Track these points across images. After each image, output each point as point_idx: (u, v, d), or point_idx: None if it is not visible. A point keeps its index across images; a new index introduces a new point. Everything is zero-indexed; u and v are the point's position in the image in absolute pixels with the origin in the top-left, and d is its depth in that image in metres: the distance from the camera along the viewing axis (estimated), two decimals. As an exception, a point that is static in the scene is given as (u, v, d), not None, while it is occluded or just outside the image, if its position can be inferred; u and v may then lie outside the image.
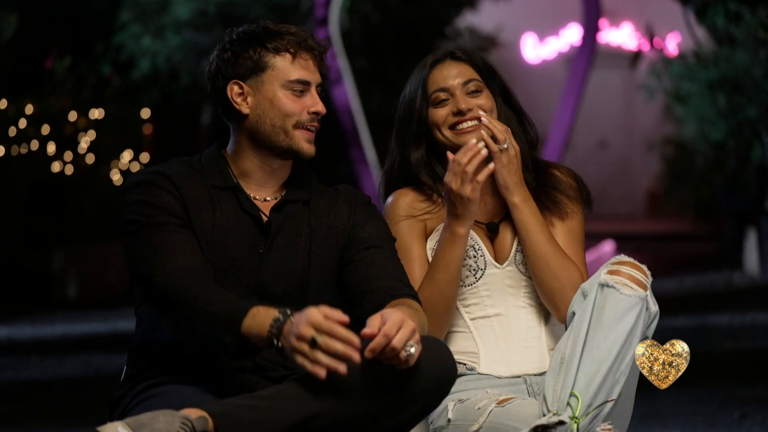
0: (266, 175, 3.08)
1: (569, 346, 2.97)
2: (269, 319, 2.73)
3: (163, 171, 3.02)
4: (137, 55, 12.96)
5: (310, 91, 3.03)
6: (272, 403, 2.70)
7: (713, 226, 16.10)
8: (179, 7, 12.85)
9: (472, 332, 3.21)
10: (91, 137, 11.60)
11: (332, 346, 2.66)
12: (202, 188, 3.03)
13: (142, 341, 3.02)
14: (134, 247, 2.93)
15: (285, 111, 3.01)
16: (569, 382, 2.93)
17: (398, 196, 3.27)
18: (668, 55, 12.96)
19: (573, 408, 2.91)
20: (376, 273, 3.01)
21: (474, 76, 3.22)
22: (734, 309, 9.44)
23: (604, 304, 2.97)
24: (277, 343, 2.71)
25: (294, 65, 3.02)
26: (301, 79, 3.02)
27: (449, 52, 3.26)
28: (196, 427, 2.61)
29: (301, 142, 3.03)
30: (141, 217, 2.94)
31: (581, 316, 2.98)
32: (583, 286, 3.04)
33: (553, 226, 3.22)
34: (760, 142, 11.51)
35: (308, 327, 2.66)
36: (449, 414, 3.09)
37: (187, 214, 2.98)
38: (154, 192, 2.98)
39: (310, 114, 3.03)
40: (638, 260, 3.09)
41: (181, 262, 2.88)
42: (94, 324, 9.50)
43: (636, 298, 2.97)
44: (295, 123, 3.02)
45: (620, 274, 3.00)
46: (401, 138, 3.27)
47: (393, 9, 14.07)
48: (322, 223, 3.08)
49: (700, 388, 6.11)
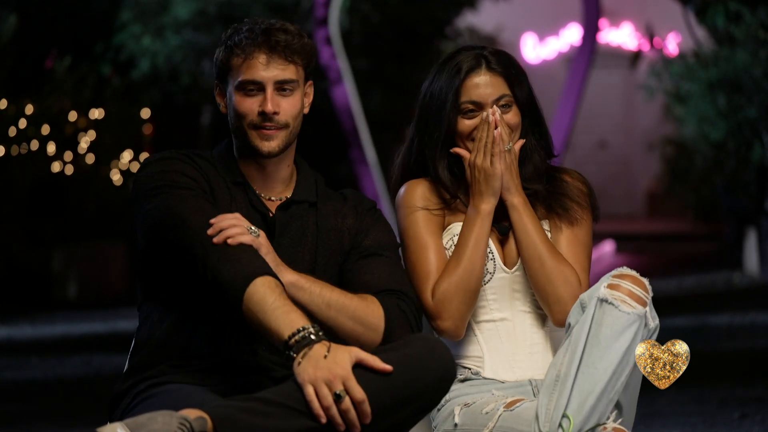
0: (263, 173, 3.07)
1: (565, 364, 2.96)
2: (297, 324, 2.72)
3: (187, 153, 3.04)
4: (137, 55, 12.96)
5: (265, 91, 3.00)
6: (273, 408, 2.67)
7: (713, 226, 16.10)
8: (179, 7, 12.85)
9: (477, 336, 3.20)
10: (91, 137, 11.59)
11: (349, 415, 2.66)
12: (221, 179, 3.04)
13: (144, 339, 3.02)
14: (163, 204, 2.89)
15: (237, 111, 3.01)
16: (562, 402, 2.92)
17: (413, 186, 3.23)
18: (668, 55, 12.96)
19: (564, 429, 2.90)
20: (372, 280, 3.01)
21: (506, 92, 3.18)
22: (734, 309, 9.44)
23: (602, 320, 2.96)
24: (293, 355, 2.69)
25: (244, 66, 2.99)
26: (249, 79, 2.99)
27: (485, 59, 3.19)
28: (195, 428, 2.60)
29: (256, 140, 3.00)
30: (171, 182, 2.93)
31: (579, 332, 2.97)
32: (582, 297, 3.03)
33: (561, 232, 3.21)
34: (760, 142, 11.51)
35: (340, 381, 2.65)
36: (456, 419, 3.08)
37: (213, 197, 2.98)
38: (181, 165, 2.98)
39: (259, 115, 3.00)
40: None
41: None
42: (94, 324, 9.50)
43: (634, 316, 2.96)
44: (248, 124, 3.01)
45: (620, 290, 2.98)
46: (424, 135, 3.23)
47: (393, 9, 14.07)
48: (329, 224, 3.08)
49: (700, 388, 6.11)
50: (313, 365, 2.67)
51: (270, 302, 2.74)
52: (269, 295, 2.75)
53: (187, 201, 2.90)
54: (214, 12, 12.90)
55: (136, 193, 2.99)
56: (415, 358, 2.78)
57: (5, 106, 10.81)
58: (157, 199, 2.92)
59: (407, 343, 2.82)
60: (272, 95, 2.99)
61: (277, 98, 3.00)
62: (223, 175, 3.05)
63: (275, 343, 2.74)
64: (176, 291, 2.96)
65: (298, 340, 2.69)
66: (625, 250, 14.85)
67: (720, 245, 15.22)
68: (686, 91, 12.17)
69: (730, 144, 11.80)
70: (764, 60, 11.16)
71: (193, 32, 12.96)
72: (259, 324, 2.75)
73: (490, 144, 3.11)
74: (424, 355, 2.78)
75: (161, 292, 3.02)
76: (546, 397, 2.95)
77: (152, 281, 3.04)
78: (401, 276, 3.07)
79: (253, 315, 2.75)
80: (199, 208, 2.89)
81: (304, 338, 2.69)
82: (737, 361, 7.26)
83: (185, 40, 12.94)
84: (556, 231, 3.21)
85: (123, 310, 10.04)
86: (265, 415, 2.66)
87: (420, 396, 2.79)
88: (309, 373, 2.66)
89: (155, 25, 12.98)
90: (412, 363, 2.77)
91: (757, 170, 12.03)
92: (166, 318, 3.00)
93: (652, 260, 13.69)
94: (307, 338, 2.70)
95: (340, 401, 2.65)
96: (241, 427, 2.65)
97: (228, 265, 2.78)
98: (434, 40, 15.23)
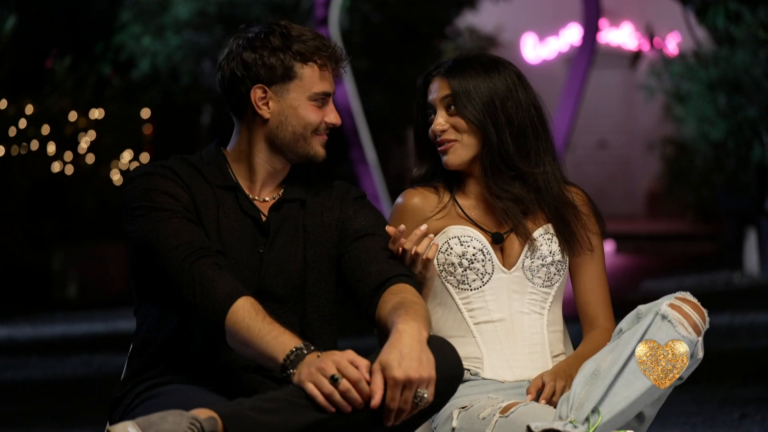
0: (269, 175, 3.08)
1: (608, 361, 2.95)
2: (289, 347, 2.75)
3: (170, 166, 3.03)
4: (137, 55, 12.96)
5: (328, 102, 3.07)
6: (282, 405, 2.70)
7: (713, 226, 16.11)
8: (179, 7, 12.85)
9: (475, 337, 3.20)
10: (91, 137, 11.60)
11: (351, 394, 2.69)
12: (206, 186, 3.04)
13: (143, 341, 3.02)
14: (142, 230, 2.93)
15: (308, 121, 3.04)
16: (596, 396, 2.92)
17: (407, 196, 3.27)
18: (668, 55, 12.96)
19: (591, 424, 2.90)
20: (368, 258, 3.02)
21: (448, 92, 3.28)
22: (734, 309, 9.44)
23: (656, 334, 2.96)
24: (291, 372, 2.72)
25: (320, 77, 3.04)
26: (325, 91, 3.05)
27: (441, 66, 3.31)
28: (205, 428, 2.61)
29: (317, 147, 3.06)
30: (150, 203, 2.95)
31: (630, 337, 2.97)
32: (639, 308, 3.03)
33: (581, 268, 3.26)
34: (760, 142, 11.52)
35: (332, 364, 2.69)
36: (454, 422, 3.09)
37: (196, 210, 2.99)
38: (162, 182, 2.98)
39: (326, 124, 3.06)
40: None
41: (194, 243, 2.89)
42: (94, 324, 9.50)
43: (688, 341, 2.98)
44: (313, 131, 3.05)
45: (680, 311, 3.00)
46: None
47: (393, 9, 14.07)
48: (316, 222, 3.09)
49: (700, 388, 6.11)
50: (306, 367, 2.72)
51: (256, 331, 2.78)
52: (252, 322, 2.79)
53: (164, 224, 2.92)
54: (214, 12, 12.90)
55: (122, 208, 3.02)
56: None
57: (5, 106, 10.81)
58: (137, 221, 2.94)
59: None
60: (333, 106, 3.08)
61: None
62: (211, 180, 3.04)
63: (270, 368, 2.79)
64: (171, 297, 2.97)
65: (292, 359, 2.74)
66: (625, 250, 14.85)
67: (720, 245, 15.22)
68: (686, 91, 12.18)
69: (730, 144, 11.80)
70: (764, 60, 11.17)
71: (193, 32, 12.96)
72: (250, 352, 2.80)
73: (418, 254, 3.08)
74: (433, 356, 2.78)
75: (157, 297, 3.02)
76: (580, 386, 2.94)
77: (147, 287, 3.04)
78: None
79: (240, 345, 2.81)
80: (175, 232, 2.91)
81: (298, 356, 2.74)
82: (737, 361, 7.26)
83: (185, 40, 12.94)
84: (575, 264, 3.26)
85: (123, 310, 10.04)
86: (273, 412, 2.68)
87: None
88: (304, 373, 2.71)
89: (155, 25, 12.98)
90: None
91: (757, 170, 12.04)
92: (165, 320, 3.00)
93: (652, 260, 13.69)
94: (300, 354, 2.74)
95: (338, 384, 2.68)
96: (249, 424, 2.66)
97: (202, 294, 2.83)
98: (434, 40, 15.23)
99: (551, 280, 3.24)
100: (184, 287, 2.86)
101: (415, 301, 2.91)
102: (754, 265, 12.01)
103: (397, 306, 2.89)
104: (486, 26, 17.59)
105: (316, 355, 2.73)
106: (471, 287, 3.20)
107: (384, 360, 2.72)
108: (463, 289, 3.20)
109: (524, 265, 3.22)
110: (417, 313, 2.85)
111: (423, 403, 2.73)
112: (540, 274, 3.22)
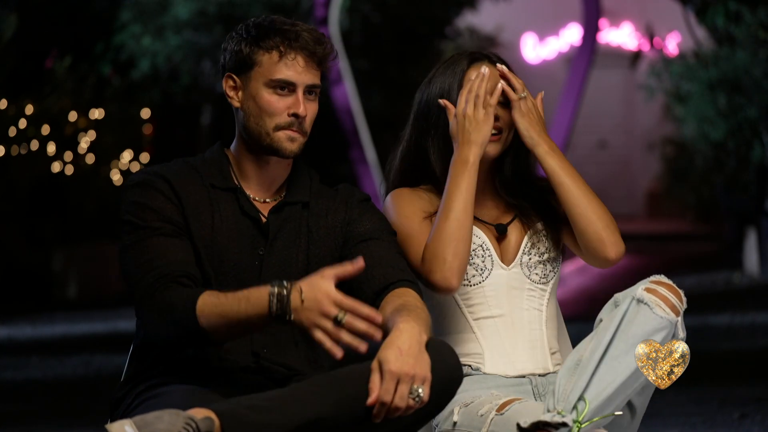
0: (263, 174, 3.05)
1: (589, 350, 2.97)
2: (265, 295, 2.72)
3: (162, 174, 3.00)
4: (137, 55, 12.97)
5: (295, 93, 2.98)
6: (279, 404, 2.69)
7: (713, 226, 16.12)
8: (179, 7, 12.86)
9: (475, 333, 3.21)
10: (91, 137, 11.60)
11: (355, 325, 2.67)
12: (202, 189, 3.01)
13: (144, 341, 3.02)
14: (125, 247, 2.93)
15: (265, 110, 2.97)
16: (581, 385, 2.93)
17: (399, 191, 3.25)
18: (668, 55, 12.97)
19: (579, 412, 2.91)
20: (372, 262, 2.99)
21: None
22: (734, 309, 9.44)
23: (634, 318, 2.98)
24: (288, 318, 2.70)
25: (279, 64, 2.96)
26: (284, 79, 2.97)
27: (485, 55, 3.27)
28: (201, 428, 2.60)
29: (282, 140, 2.98)
30: (135, 219, 2.93)
31: (607, 324, 2.99)
32: (616, 296, 3.05)
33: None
34: (760, 142, 11.52)
35: (332, 305, 2.67)
36: (455, 417, 3.10)
37: (185, 219, 2.96)
38: (151, 195, 2.96)
39: (290, 116, 2.98)
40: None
41: (169, 266, 2.87)
42: (94, 324, 9.51)
43: (666, 321, 2.98)
44: (275, 125, 2.98)
45: (656, 294, 3.00)
46: (428, 130, 3.24)
47: (393, 9, 14.07)
48: (320, 224, 3.07)
49: (700, 388, 6.11)
50: (302, 310, 2.68)
51: (228, 306, 2.76)
52: (219, 300, 2.77)
53: (141, 246, 2.90)
54: (214, 12, 12.90)
55: (120, 212, 3.00)
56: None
57: (5, 106, 10.81)
58: (125, 237, 2.93)
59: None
60: (303, 98, 2.99)
61: (305, 102, 3.00)
62: (211, 182, 3.03)
63: (265, 324, 2.75)
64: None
65: (278, 306, 2.71)
66: (625, 250, 14.79)
67: (720, 245, 15.22)
68: (686, 91, 12.18)
69: (730, 144, 11.80)
70: (764, 60, 11.17)
71: (193, 32, 12.96)
72: (238, 327, 2.77)
73: (482, 95, 3.12)
74: (431, 359, 2.77)
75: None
76: (565, 377, 2.96)
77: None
78: (401, 260, 3.07)
79: (225, 329, 2.78)
80: (147, 257, 2.88)
81: (280, 299, 2.71)
82: (737, 361, 7.27)
83: (185, 40, 12.95)
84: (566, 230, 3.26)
85: (123, 310, 10.04)
86: (269, 410, 2.68)
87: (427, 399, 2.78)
88: (308, 317, 2.69)
89: (155, 25, 12.98)
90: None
91: (757, 170, 12.04)
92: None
93: (652, 260, 13.69)
94: (282, 296, 2.71)
95: (342, 322, 2.67)
96: (245, 423, 2.66)
97: (170, 320, 2.81)
98: (434, 40, 15.24)
99: (547, 276, 3.25)
100: (155, 317, 2.84)
101: (417, 305, 2.91)
102: (754, 265, 12.01)
103: (398, 308, 2.88)
104: (486, 26, 17.59)
105: (299, 297, 2.69)
106: (470, 283, 3.20)
107: (382, 355, 2.72)
108: (463, 285, 3.20)
109: (522, 261, 3.23)
110: (418, 316, 2.85)
111: (419, 401, 2.72)
112: (537, 271, 3.24)
